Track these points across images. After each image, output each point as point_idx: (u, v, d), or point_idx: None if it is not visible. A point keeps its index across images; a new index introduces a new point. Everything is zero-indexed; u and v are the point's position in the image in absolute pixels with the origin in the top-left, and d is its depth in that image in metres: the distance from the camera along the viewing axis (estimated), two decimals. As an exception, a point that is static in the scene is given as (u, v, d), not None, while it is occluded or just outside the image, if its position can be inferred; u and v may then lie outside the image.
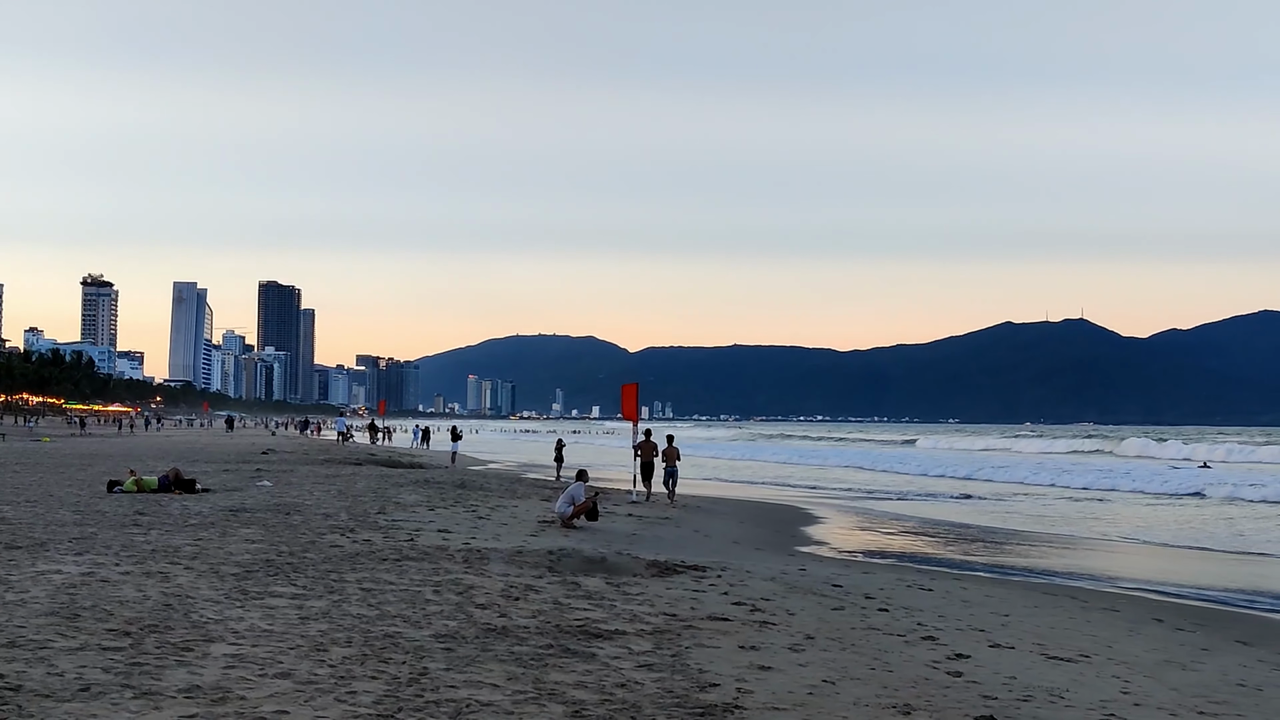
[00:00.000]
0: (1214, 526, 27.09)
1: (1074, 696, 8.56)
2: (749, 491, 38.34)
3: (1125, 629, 12.24)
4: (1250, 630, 12.80)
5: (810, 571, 15.78)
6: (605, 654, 8.95)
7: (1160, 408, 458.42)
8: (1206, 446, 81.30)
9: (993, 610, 12.91)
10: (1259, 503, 33.84)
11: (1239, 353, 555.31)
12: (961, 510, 31.65)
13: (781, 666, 8.92)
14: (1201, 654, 10.92)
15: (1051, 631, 11.66)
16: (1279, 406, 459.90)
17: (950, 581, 15.66)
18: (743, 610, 11.59)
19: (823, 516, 28.06)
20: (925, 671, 9.14)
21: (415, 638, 9.21)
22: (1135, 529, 26.41)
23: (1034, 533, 25.14)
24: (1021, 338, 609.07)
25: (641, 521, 22.85)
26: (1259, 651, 11.26)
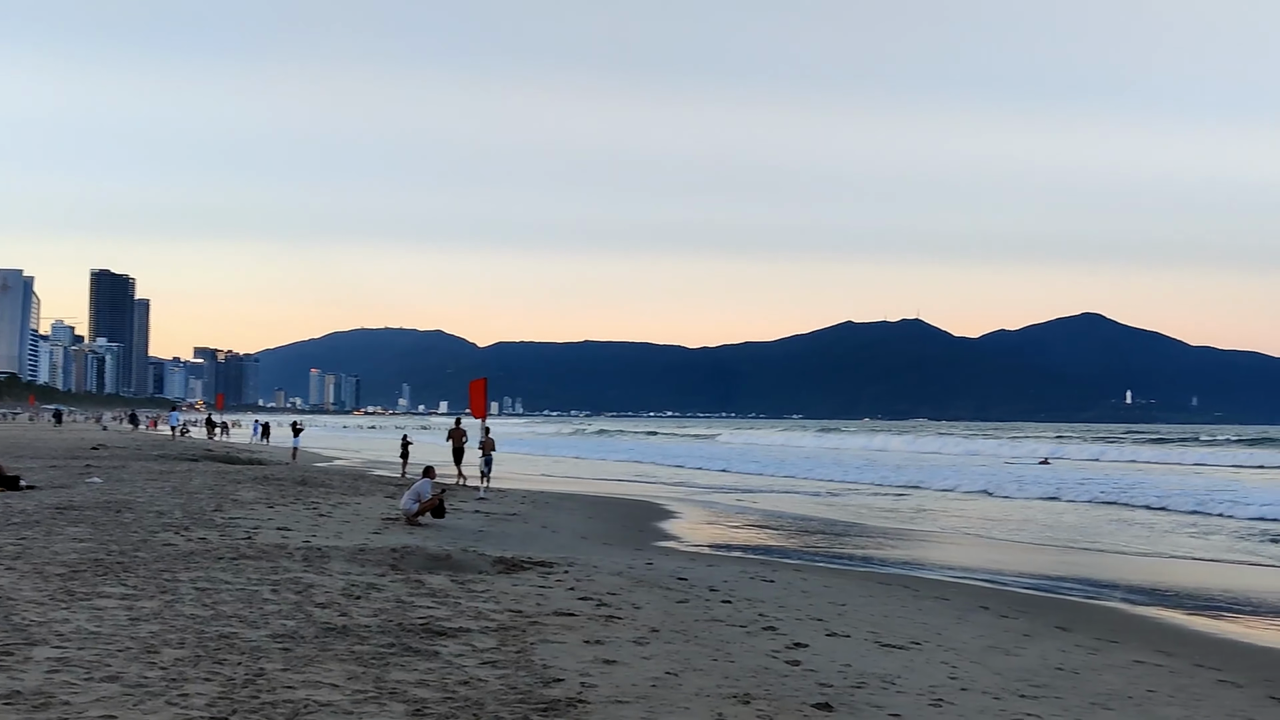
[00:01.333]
0: (1046, 519, 28.39)
1: (905, 682, 8.89)
2: (598, 487, 38.48)
3: (954, 616, 12.75)
4: (1069, 616, 13.46)
5: (657, 565, 15.96)
6: (449, 652, 8.89)
7: (989, 404, 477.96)
8: (1049, 445, 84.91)
9: (831, 600, 13.28)
10: (1087, 502, 35.52)
11: (1063, 352, 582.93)
12: (803, 503, 32.41)
13: (626, 660, 9.01)
14: (1024, 639, 11.46)
15: (885, 620, 12.07)
16: (1099, 403, 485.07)
17: (791, 573, 16.05)
18: (589, 605, 11.65)
19: (672, 511, 28.37)
20: (765, 661, 9.36)
21: (251, 638, 8.97)
22: (969, 523, 27.48)
23: (871, 525, 25.93)
24: (862, 337, 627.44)
25: (489, 518, 22.72)
26: (1076, 636, 11.87)
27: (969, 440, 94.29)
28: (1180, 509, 30.22)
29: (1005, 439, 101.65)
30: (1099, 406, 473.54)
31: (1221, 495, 32.75)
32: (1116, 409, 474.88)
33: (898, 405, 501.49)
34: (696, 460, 59.47)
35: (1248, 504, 29.96)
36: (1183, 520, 27.71)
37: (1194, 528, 26.03)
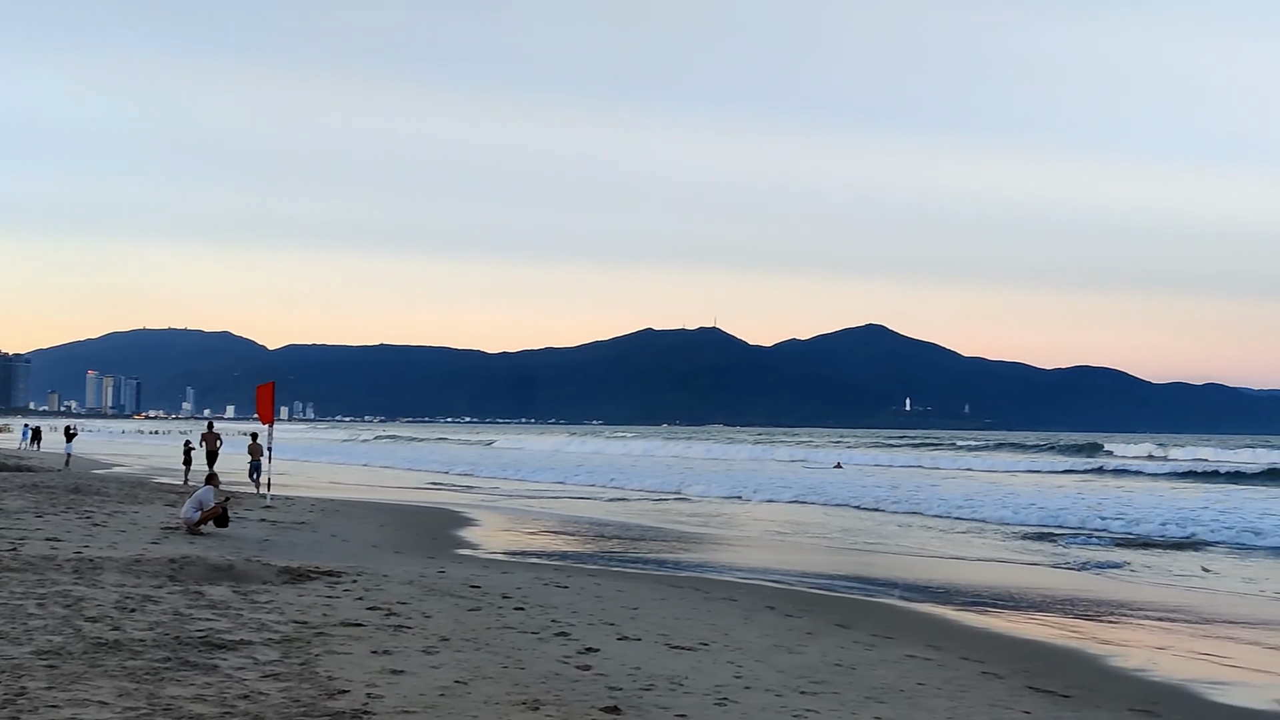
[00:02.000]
0: (838, 522, 29.47)
1: (692, 683, 9.10)
2: (392, 494, 37.79)
3: (741, 617, 13.11)
4: (849, 614, 14.03)
5: (449, 573, 15.80)
6: (228, 665, 8.58)
7: (781, 411, 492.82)
8: (843, 451, 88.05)
9: (623, 604, 13.45)
10: (875, 510, 37.02)
11: (849, 361, 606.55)
12: (599, 509, 32.67)
13: (414, 669, 8.90)
14: (806, 637, 11.89)
15: (675, 622, 12.31)
16: (882, 410, 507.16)
17: (585, 578, 16.16)
18: (377, 615, 11.45)
19: (467, 518, 28.12)
20: (556, 667, 9.41)
21: (13, 655, 8.45)
22: (765, 526, 28.27)
23: (666, 529, 26.37)
24: (661, 344, 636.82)
25: (275, 527, 22.01)
26: (855, 633, 12.39)
27: (772, 447, 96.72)
28: (954, 512, 31.85)
29: (795, 444, 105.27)
30: (881, 413, 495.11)
31: (991, 498, 34.75)
32: (897, 415, 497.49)
33: (695, 411, 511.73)
34: (493, 467, 59.14)
35: (1014, 507, 31.89)
36: (957, 522, 29.25)
37: (967, 529, 27.52)
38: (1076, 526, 27.82)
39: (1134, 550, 23.39)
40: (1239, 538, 25.01)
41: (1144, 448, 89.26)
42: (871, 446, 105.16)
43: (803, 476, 49.59)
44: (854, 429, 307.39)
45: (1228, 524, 27.00)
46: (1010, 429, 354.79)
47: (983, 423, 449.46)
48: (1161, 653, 12.33)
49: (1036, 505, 31.96)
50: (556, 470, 56.38)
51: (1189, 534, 25.78)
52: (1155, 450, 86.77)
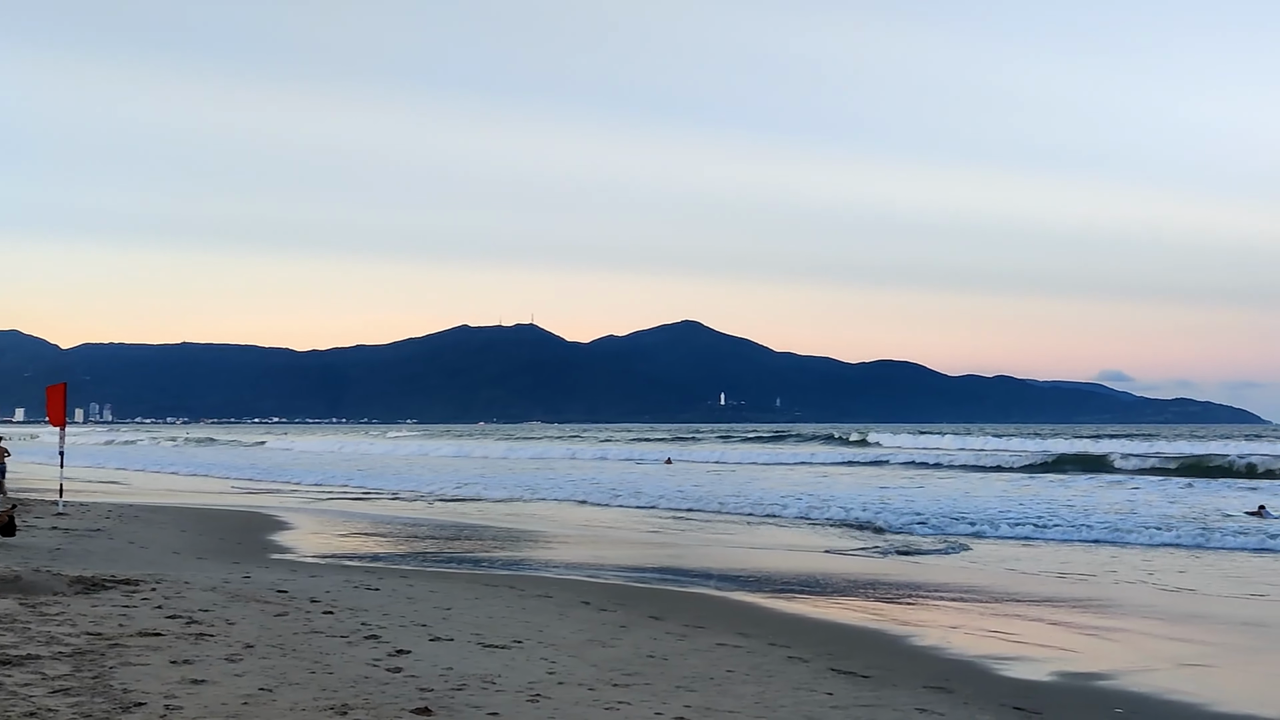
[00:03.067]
0: (659, 521, 29.83)
1: (505, 681, 9.09)
2: (196, 499, 36.36)
3: (556, 613, 13.16)
4: (663, 605, 14.25)
5: (255, 578, 15.33)
6: (14, 682, 8.12)
7: (599, 407, 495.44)
8: (675, 448, 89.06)
9: (436, 605, 13.32)
10: (696, 510, 37.61)
11: (666, 357, 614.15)
12: (414, 509, 32.23)
13: (216, 678, 8.61)
14: (620, 630, 12.02)
15: (489, 621, 12.26)
16: (698, 405, 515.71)
17: (397, 579, 15.92)
18: (178, 624, 11.02)
19: (275, 521, 27.29)
20: (366, 670, 9.26)
21: None
22: (586, 523, 28.41)
23: (483, 527, 26.22)
24: (477, 340, 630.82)
25: (68, 535, 20.90)
26: (668, 624, 12.60)
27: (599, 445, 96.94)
28: (769, 504, 32.71)
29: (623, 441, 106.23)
30: (697, 408, 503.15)
31: (808, 491, 35.85)
32: (712, 410, 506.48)
33: (512, 409, 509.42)
34: (301, 468, 57.60)
35: (829, 500, 32.98)
36: (777, 512, 30.07)
37: (779, 520, 28.34)
38: (870, 516, 28.95)
39: (933, 538, 24.54)
40: (1017, 529, 26.48)
41: (946, 440, 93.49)
42: (702, 442, 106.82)
43: (630, 473, 50.01)
44: (672, 424, 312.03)
45: (1012, 513, 28.58)
46: (819, 421, 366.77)
47: (793, 415, 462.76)
48: (955, 631, 12.98)
49: (835, 497, 33.11)
50: (369, 471, 55.29)
51: (974, 523, 27.13)
52: (940, 442, 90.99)
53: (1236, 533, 23.97)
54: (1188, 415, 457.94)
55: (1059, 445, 78.85)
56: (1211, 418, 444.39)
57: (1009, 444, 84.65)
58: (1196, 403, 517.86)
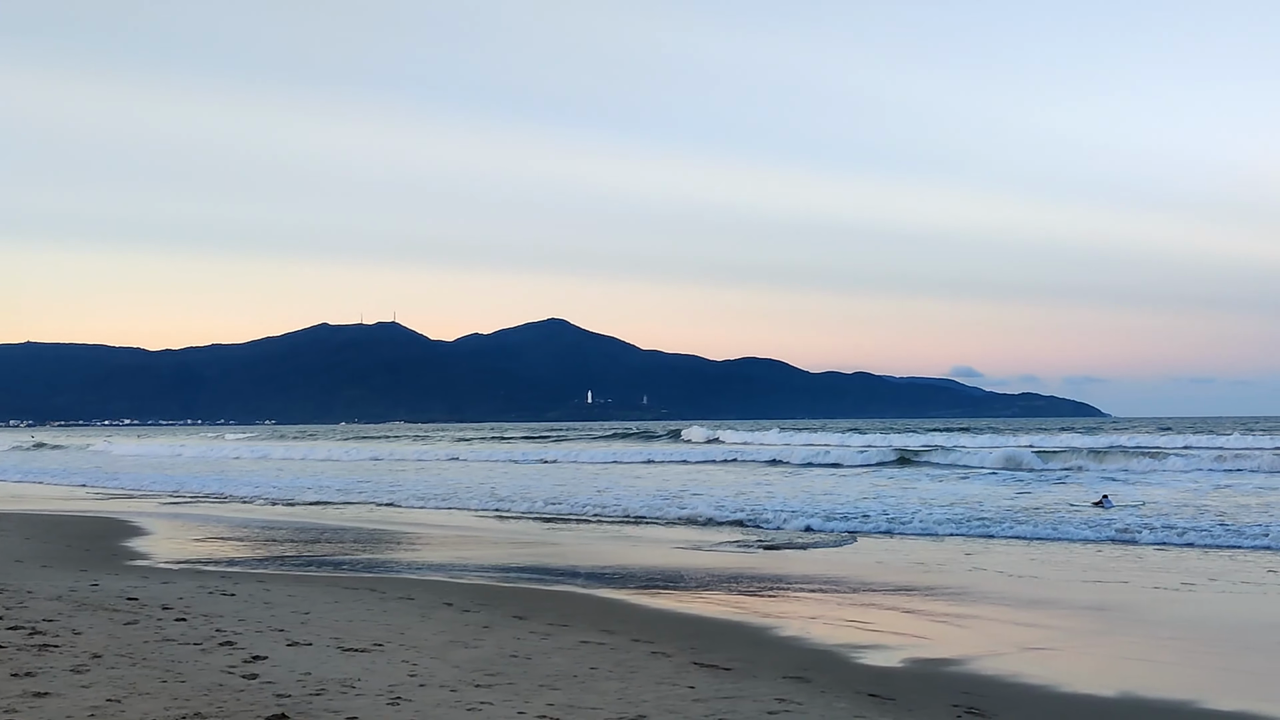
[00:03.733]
0: (518, 523, 29.67)
1: (364, 684, 8.96)
2: (42, 505, 34.83)
3: (418, 615, 13.02)
4: (527, 604, 14.23)
5: (104, 586, 14.79)
6: None
7: (464, 406, 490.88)
8: (541, 447, 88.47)
9: (294, 609, 13.05)
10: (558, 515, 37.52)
11: (532, 355, 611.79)
12: (274, 512, 31.47)
13: (61, 690, 8.28)
14: (484, 631, 11.96)
15: (349, 624, 12.07)
16: (564, 403, 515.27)
17: (254, 584, 15.55)
18: (20, 635, 10.56)
19: (128, 527, 26.32)
20: (220, 678, 9.02)
21: None
22: (458, 524, 28.10)
23: (345, 529, 25.74)
24: (337, 339, 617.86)
25: (-103, 545, 19.82)
26: (532, 624, 12.58)
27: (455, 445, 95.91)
28: (637, 503, 32.88)
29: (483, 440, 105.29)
30: (564, 406, 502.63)
31: (670, 488, 36.15)
32: (579, 408, 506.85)
33: (375, 409, 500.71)
34: (152, 470, 55.70)
35: (694, 495, 33.32)
36: (642, 509, 30.24)
37: (650, 517, 28.52)
38: (732, 512, 29.38)
39: (794, 532, 25.04)
40: (876, 523, 27.21)
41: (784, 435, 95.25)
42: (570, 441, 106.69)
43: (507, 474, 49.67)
44: (538, 422, 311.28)
45: (871, 508, 29.33)
46: (684, 418, 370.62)
47: (660, 413, 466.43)
48: (814, 622, 13.28)
49: (699, 493, 33.51)
50: (223, 477, 53.80)
51: (831, 518, 27.75)
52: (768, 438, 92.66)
53: (1081, 523, 25.05)
54: (1033, 409, 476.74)
55: (913, 440, 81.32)
56: (1055, 411, 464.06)
57: (868, 439, 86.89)
58: (1042, 397, 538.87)
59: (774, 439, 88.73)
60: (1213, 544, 21.42)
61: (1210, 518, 25.75)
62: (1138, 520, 25.13)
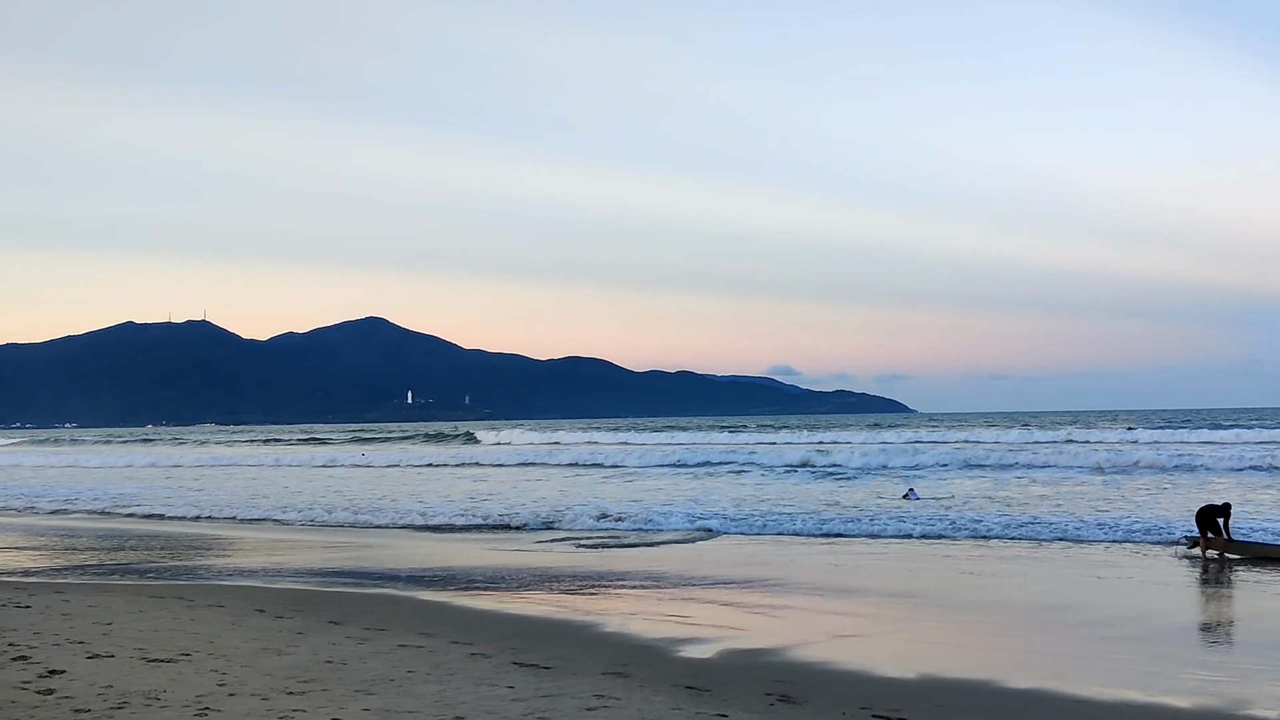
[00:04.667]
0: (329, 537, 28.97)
1: (170, 696, 8.63)
2: None
3: (228, 623, 12.61)
4: (343, 609, 13.95)
5: (-121, 602, 13.79)
6: None
7: (279, 407, 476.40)
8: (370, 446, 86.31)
9: (95, 620, 12.46)
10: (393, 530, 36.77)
11: (349, 355, 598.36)
12: (77, 521, 29.93)
13: None
14: (297, 637, 11.67)
15: (155, 634, 11.59)
16: (384, 403, 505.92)
17: (51, 595, 14.77)
18: None
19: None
20: (13, 694, 8.55)
21: None
22: (264, 528, 27.23)
23: (148, 535, 24.71)
24: (143, 338, 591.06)
25: None
26: (348, 628, 12.34)
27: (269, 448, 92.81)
28: (454, 505, 32.55)
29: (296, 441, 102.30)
30: (384, 406, 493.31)
31: (481, 491, 35.91)
32: (399, 408, 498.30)
33: (184, 410, 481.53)
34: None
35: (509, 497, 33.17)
36: (463, 511, 29.95)
37: (472, 517, 28.30)
38: (550, 512, 29.46)
39: (609, 532, 25.26)
40: (697, 521, 27.71)
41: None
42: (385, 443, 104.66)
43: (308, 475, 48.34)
44: (357, 423, 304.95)
45: (695, 507, 29.84)
46: (509, 417, 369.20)
47: (483, 413, 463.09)
48: (634, 618, 13.43)
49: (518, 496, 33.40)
50: (20, 485, 50.86)
51: (652, 518, 28.13)
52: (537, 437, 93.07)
53: (890, 516, 26.06)
54: (846, 405, 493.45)
55: (739, 438, 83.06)
56: (866, 407, 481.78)
57: (692, 437, 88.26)
58: (854, 394, 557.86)
59: (574, 438, 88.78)
60: (1009, 534, 22.57)
61: (1006, 509, 27.18)
62: (941, 512, 26.31)
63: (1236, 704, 9.08)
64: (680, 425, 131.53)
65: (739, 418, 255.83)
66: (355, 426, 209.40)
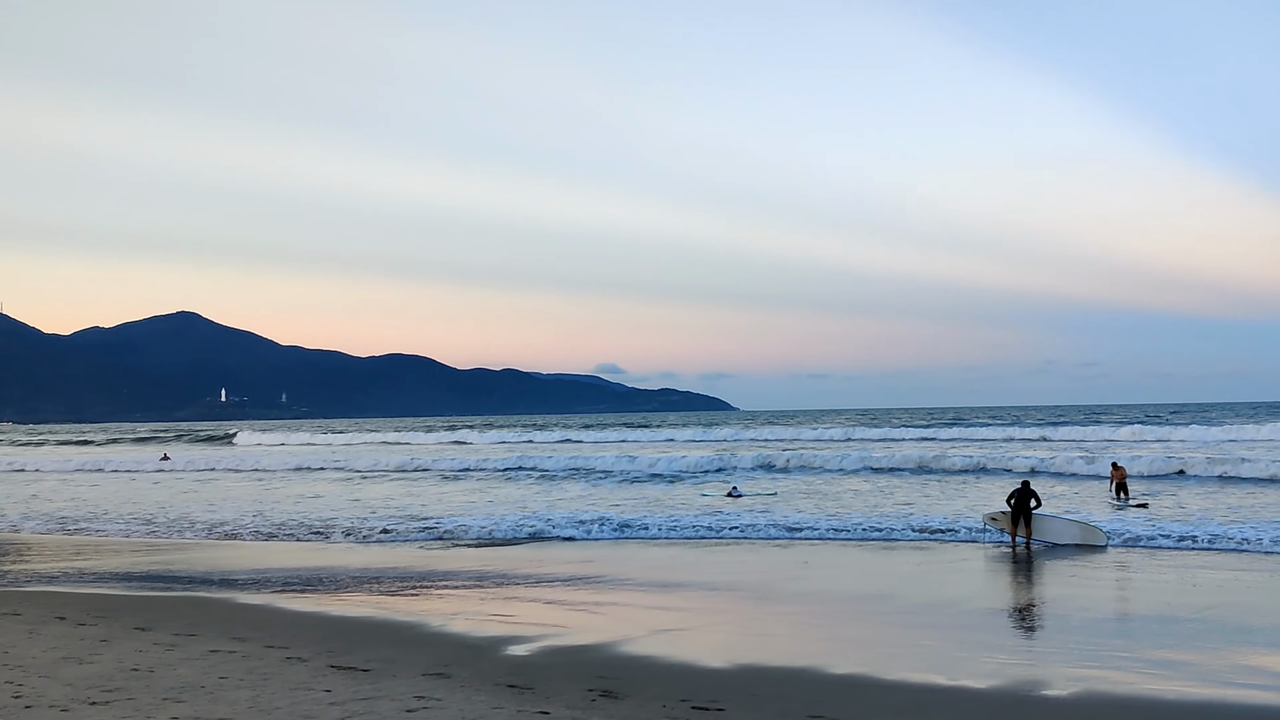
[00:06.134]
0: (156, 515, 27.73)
1: (-42, 711, 8.14)
2: None
3: (25, 631, 11.95)
4: (150, 614, 13.38)
5: None
6: None
7: (83, 405, 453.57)
8: (171, 445, 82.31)
9: (-128, 633, 11.62)
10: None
11: (160, 351, 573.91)
12: None
13: None
14: (101, 645, 11.14)
15: (-59, 647, 10.90)
16: (196, 401, 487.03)
17: None
18: None
19: None
20: None
21: None
22: (63, 531, 25.85)
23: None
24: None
25: None
26: (156, 635, 11.84)
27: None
28: (253, 509, 31.61)
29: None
30: (195, 405, 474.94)
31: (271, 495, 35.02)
32: (212, 406, 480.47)
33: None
34: None
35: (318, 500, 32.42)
36: (288, 516, 29.11)
37: (282, 523, 27.53)
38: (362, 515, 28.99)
39: (422, 536, 25.01)
40: (518, 525, 27.70)
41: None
42: (189, 441, 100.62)
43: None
44: (167, 421, 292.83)
45: (510, 514, 29.79)
46: (328, 416, 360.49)
47: (300, 410, 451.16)
48: (456, 617, 13.31)
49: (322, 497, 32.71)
50: None
51: (464, 522, 27.98)
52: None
53: (715, 512, 26.56)
54: (671, 404, 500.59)
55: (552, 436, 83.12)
56: (691, 406, 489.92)
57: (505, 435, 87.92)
58: (679, 392, 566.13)
59: (346, 440, 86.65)
60: (828, 529, 23.28)
61: (831, 505, 28.06)
62: (763, 509, 26.95)
63: (1032, 685, 9.61)
64: (497, 424, 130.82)
65: (565, 415, 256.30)
66: (162, 426, 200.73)
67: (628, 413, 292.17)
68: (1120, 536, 20.42)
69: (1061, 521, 20.77)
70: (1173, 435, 63.34)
